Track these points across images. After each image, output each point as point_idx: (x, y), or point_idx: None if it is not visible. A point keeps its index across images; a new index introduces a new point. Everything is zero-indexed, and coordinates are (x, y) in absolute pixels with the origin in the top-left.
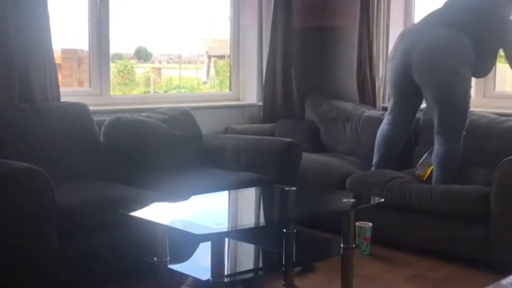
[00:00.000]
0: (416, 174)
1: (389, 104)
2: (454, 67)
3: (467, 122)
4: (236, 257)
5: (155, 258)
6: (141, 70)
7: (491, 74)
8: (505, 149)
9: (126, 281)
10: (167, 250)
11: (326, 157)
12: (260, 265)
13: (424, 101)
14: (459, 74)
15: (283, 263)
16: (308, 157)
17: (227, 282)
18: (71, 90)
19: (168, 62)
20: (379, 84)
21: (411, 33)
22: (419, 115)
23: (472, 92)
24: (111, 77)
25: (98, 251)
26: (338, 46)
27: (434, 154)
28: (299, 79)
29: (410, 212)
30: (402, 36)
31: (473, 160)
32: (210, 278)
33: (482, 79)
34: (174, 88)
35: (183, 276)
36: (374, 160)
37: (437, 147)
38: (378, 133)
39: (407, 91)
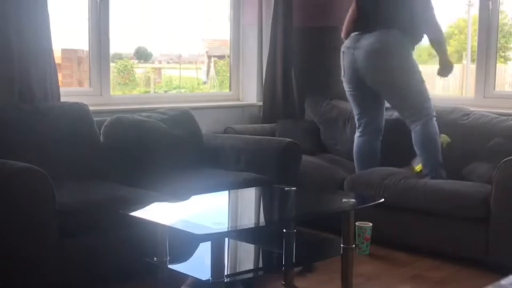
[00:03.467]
0: (411, 168)
1: (356, 117)
2: (392, 63)
3: (431, 105)
4: (236, 257)
5: (155, 258)
6: (141, 70)
7: (491, 74)
8: (506, 147)
9: (126, 281)
10: (167, 250)
11: (322, 161)
12: (260, 265)
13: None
14: (400, 65)
15: (283, 263)
16: (305, 159)
17: (227, 282)
18: (71, 90)
19: (168, 62)
20: None
21: (349, 47)
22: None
23: (472, 92)
24: (111, 77)
25: (98, 251)
26: (338, 46)
27: (413, 142)
28: (299, 79)
29: (410, 212)
30: (343, 53)
31: (473, 157)
32: (210, 278)
33: (482, 79)
34: (174, 88)
35: (183, 276)
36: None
37: (412, 135)
38: (354, 148)
39: (367, 98)
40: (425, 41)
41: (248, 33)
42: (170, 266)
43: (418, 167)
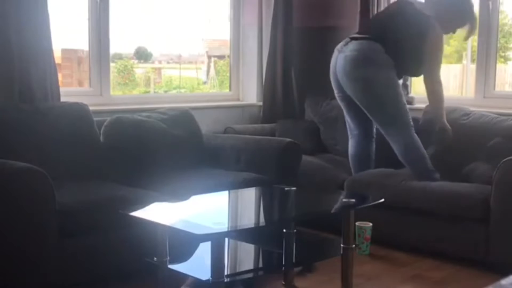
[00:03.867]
0: None
1: (346, 119)
2: (366, 73)
3: (409, 116)
4: (236, 257)
5: (155, 258)
6: (141, 70)
7: (491, 74)
8: (506, 147)
9: (126, 281)
10: (167, 250)
11: (322, 161)
12: (260, 265)
13: None
14: (375, 77)
15: (283, 263)
16: (305, 159)
17: (227, 282)
18: (71, 90)
19: (168, 62)
20: None
21: (338, 49)
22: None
23: (472, 92)
24: (111, 77)
25: (98, 251)
26: None
27: (398, 156)
28: (299, 79)
29: (410, 212)
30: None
31: (473, 157)
32: (210, 278)
33: (482, 79)
34: (174, 88)
35: (183, 276)
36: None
37: (394, 148)
38: (348, 150)
39: (352, 101)
40: None
41: (248, 33)
42: (170, 266)
43: None
